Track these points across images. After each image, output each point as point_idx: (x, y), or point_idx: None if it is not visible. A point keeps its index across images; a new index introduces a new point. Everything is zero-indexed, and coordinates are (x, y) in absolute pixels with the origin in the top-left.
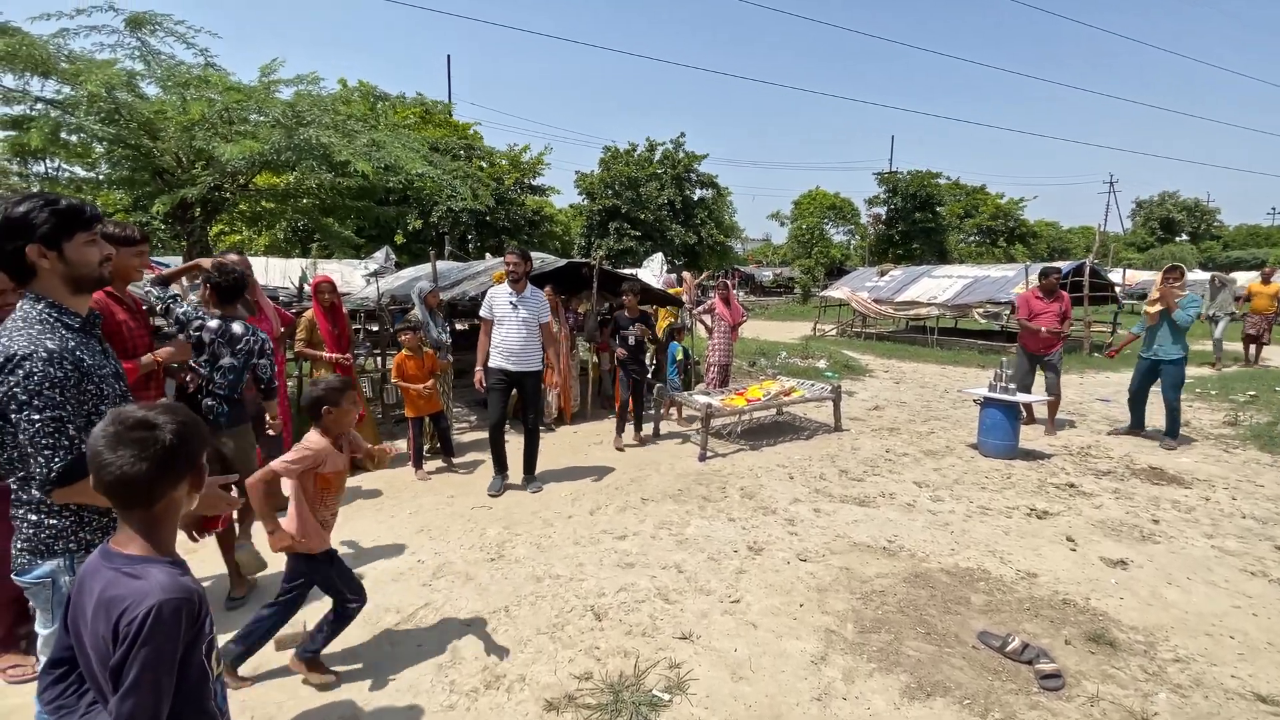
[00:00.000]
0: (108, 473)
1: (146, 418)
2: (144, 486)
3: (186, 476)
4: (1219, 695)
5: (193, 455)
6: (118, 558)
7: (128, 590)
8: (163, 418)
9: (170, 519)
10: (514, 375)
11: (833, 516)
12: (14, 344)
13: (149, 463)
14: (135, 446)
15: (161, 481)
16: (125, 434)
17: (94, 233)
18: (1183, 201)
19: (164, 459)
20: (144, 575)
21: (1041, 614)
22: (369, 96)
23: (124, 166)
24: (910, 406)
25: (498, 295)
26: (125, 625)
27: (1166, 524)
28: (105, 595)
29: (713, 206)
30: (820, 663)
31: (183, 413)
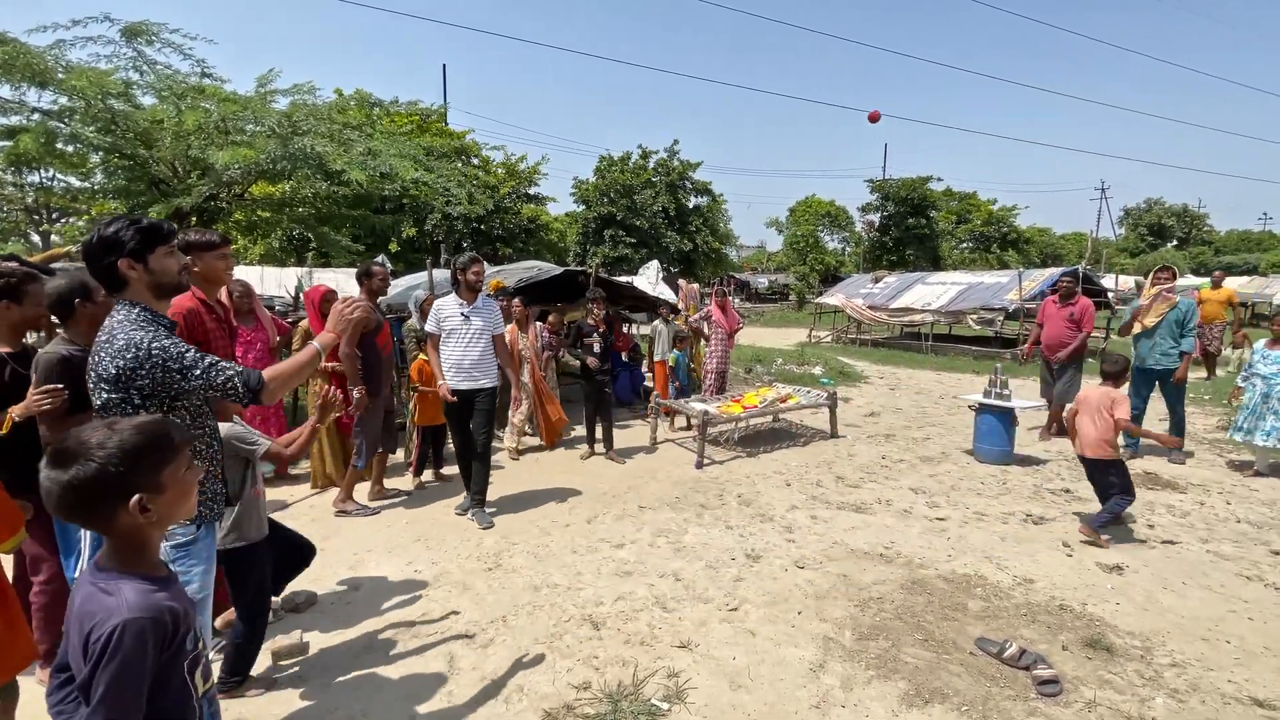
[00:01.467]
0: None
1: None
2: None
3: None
4: (1216, 700)
5: (117, 487)
6: (98, 572)
7: (98, 606)
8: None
9: (141, 534)
10: (463, 393)
11: (830, 523)
12: (133, 336)
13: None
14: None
15: (81, 517)
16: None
17: (172, 245)
18: (1171, 207)
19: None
20: (115, 592)
21: (1038, 620)
22: (365, 104)
23: (119, 176)
24: (906, 413)
25: (446, 307)
26: (93, 642)
27: (1162, 529)
28: (81, 609)
29: (708, 214)
30: (819, 670)
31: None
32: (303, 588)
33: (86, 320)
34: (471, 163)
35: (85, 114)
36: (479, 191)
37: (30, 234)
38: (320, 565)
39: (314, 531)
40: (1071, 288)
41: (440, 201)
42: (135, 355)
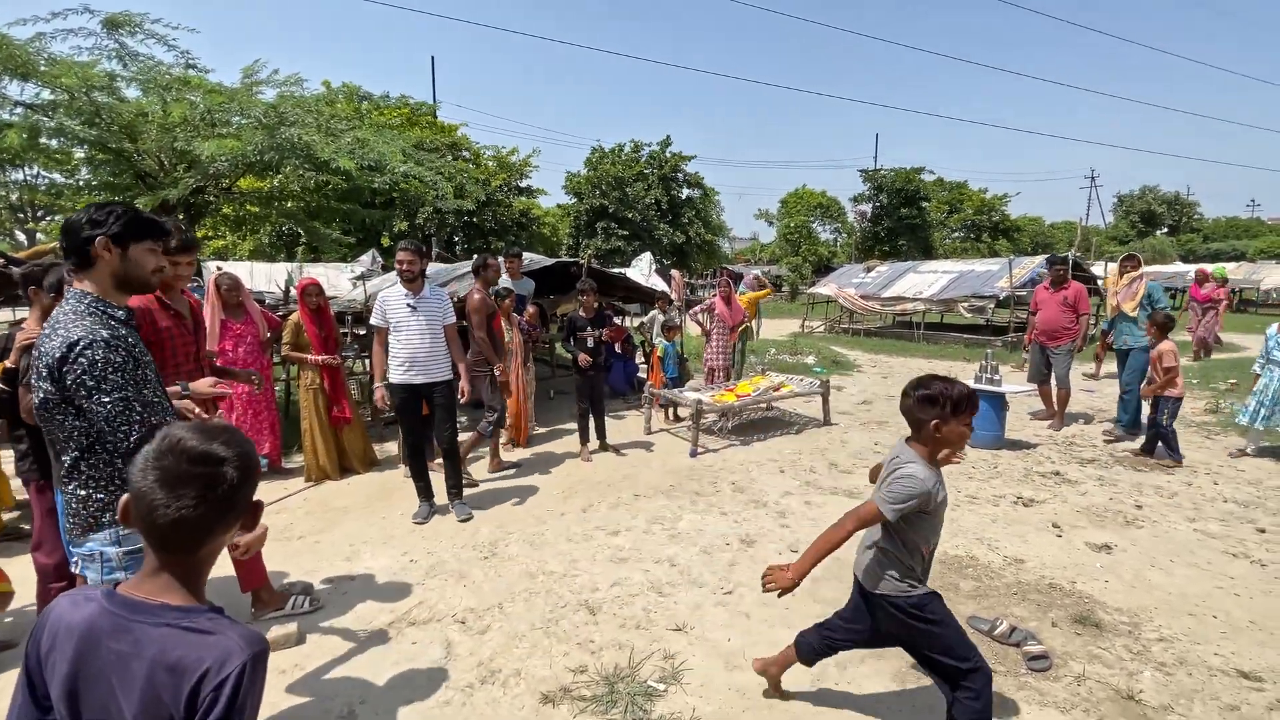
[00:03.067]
0: (162, 515)
1: (210, 451)
2: (203, 531)
3: (242, 519)
4: (1202, 673)
5: (252, 493)
6: (163, 610)
7: (202, 648)
8: (226, 449)
9: (209, 567)
10: (420, 388)
11: (823, 508)
12: (72, 333)
13: (210, 506)
14: (197, 486)
15: (220, 526)
16: (186, 470)
17: (159, 244)
18: (1163, 195)
19: (226, 501)
20: (216, 629)
21: (1029, 598)
22: (353, 97)
23: (104, 171)
24: (898, 400)
25: (391, 299)
26: (211, 691)
27: (1150, 509)
28: (168, 658)
29: (700, 206)
30: None
31: (240, 440)
32: (299, 578)
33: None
34: (462, 156)
35: (69, 107)
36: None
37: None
38: (316, 557)
39: (309, 525)
40: (1062, 273)
41: (430, 195)
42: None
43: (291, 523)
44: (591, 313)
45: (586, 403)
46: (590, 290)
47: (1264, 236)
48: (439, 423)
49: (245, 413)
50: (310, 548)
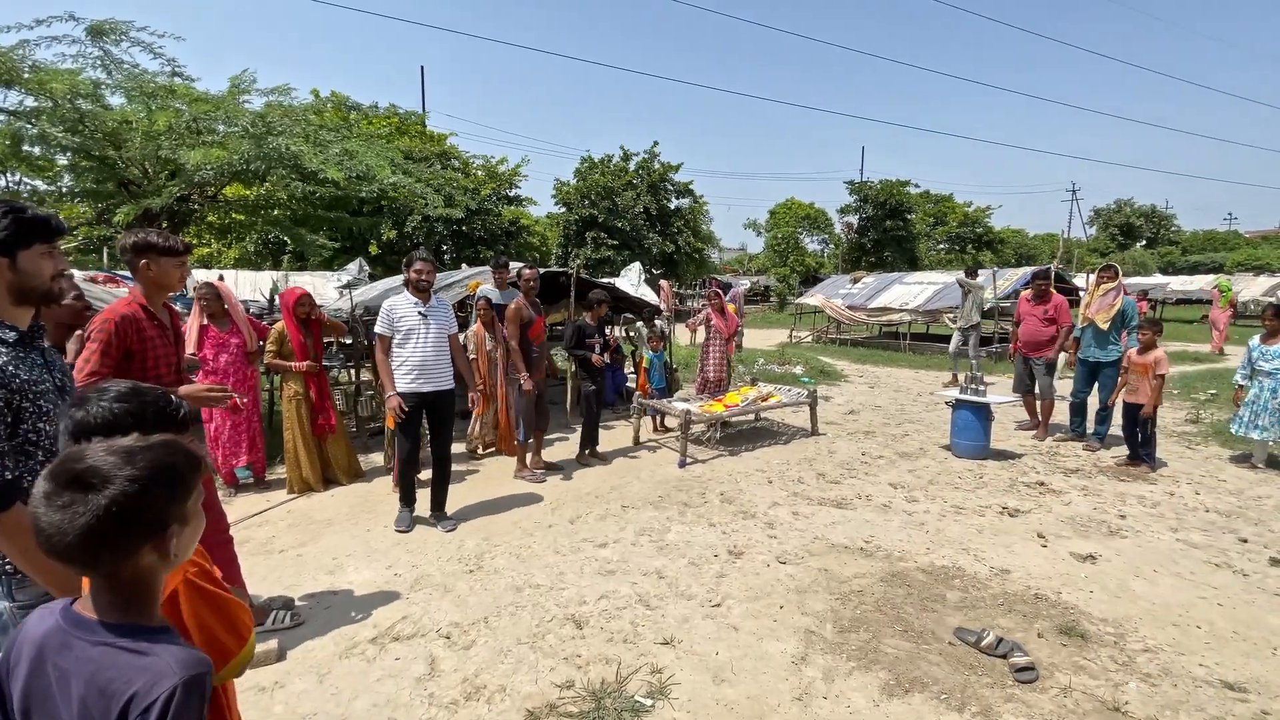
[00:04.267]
0: (43, 538)
1: (90, 468)
2: (105, 554)
3: (150, 541)
4: (1187, 683)
5: (154, 517)
6: (102, 630)
7: (133, 670)
8: (117, 469)
9: (153, 580)
10: (428, 396)
11: (811, 519)
12: None
13: (98, 528)
14: (63, 513)
15: (126, 546)
16: (55, 494)
17: (54, 246)
18: (1140, 208)
19: (117, 521)
20: (151, 650)
21: (1015, 609)
22: (342, 106)
23: (88, 178)
24: (885, 410)
25: (400, 307)
26: (138, 715)
27: (1133, 519)
28: (100, 679)
29: (689, 216)
30: (801, 663)
31: (150, 457)
32: (280, 593)
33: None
34: (452, 165)
35: (53, 114)
36: (458, 194)
37: None
38: (298, 571)
39: (292, 538)
40: (1045, 287)
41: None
42: None
43: (274, 535)
44: (598, 321)
45: (596, 409)
46: (603, 302)
47: (1241, 249)
48: (436, 432)
49: (224, 423)
50: (292, 561)
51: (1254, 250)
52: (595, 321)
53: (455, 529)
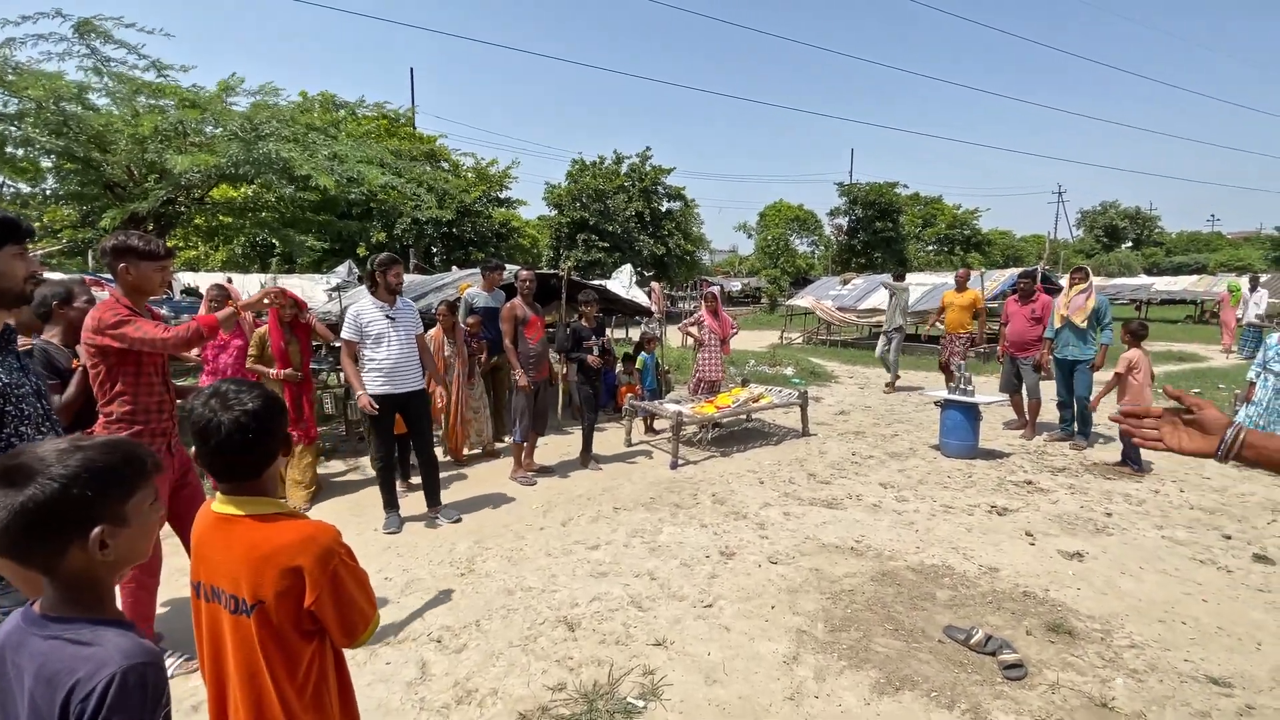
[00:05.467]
0: None
1: (20, 465)
2: (12, 551)
3: (73, 543)
4: (1173, 679)
5: (75, 516)
6: (52, 624)
7: (76, 660)
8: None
9: (92, 577)
10: (400, 398)
11: (802, 519)
12: None
13: (15, 516)
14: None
15: (30, 546)
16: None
17: (23, 247)
18: (1125, 210)
19: (15, 525)
20: (96, 640)
21: (1003, 607)
22: (330, 105)
23: (72, 181)
24: (875, 410)
25: (367, 310)
26: (79, 703)
27: (1119, 516)
28: (46, 670)
29: (680, 218)
30: (792, 662)
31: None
32: None
33: (64, 322)
34: (441, 167)
35: (36, 117)
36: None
37: None
38: None
39: None
40: (1030, 287)
41: (409, 206)
42: None
43: None
44: (593, 323)
45: (595, 414)
46: (593, 301)
47: (1223, 250)
48: (417, 434)
49: None
50: None
51: (1236, 251)
52: (590, 323)
53: (460, 519)
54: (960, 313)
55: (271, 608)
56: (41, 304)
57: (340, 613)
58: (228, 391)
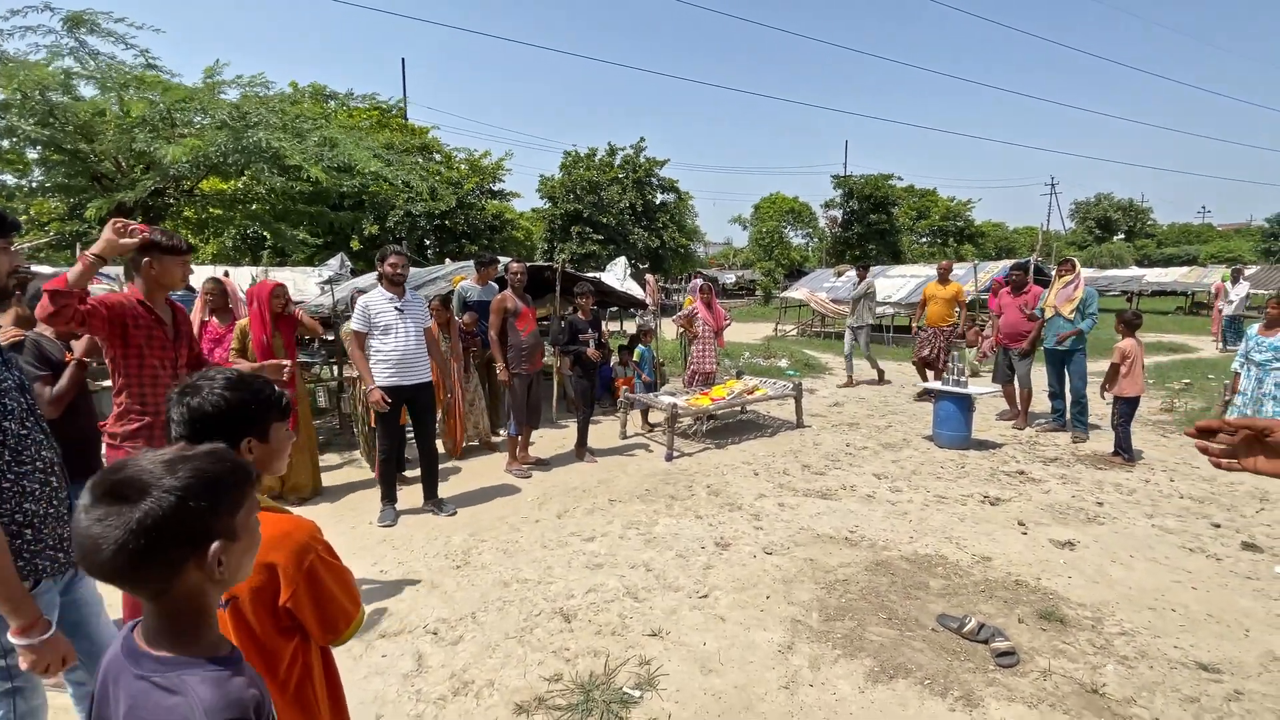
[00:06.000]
0: (80, 553)
1: (127, 479)
2: (122, 578)
3: (190, 561)
4: (1163, 665)
5: (194, 530)
6: (146, 660)
7: (159, 711)
8: (156, 479)
9: (203, 599)
10: (408, 390)
11: (796, 510)
12: None
13: (112, 551)
14: (100, 526)
15: (142, 574)
16: (92, 506)
17: (7, 241)
18: (1117, 201)
19: (135, 544)
20: (180, 689)
21: (996, 595)
22: (320, 96)
23: (59, 172)
24: (869, 402)
25: (376, 302)
26: None
27: (1110, 506)
28: (132, 716)
29: (674, 210)
30: (787, 652)
31: (195, 465)
32: None
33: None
34: (434, 159)
35: (22, 107)
36: (442, 187)
37: None
38: None
39: None
40: (1022, 279)
41: (402, 198)
42: None
43: None
44: (589, 315)
45: (590, 407)
46: (588, 294)
47: (1214, 241)
48: (420, 426)
49: None
50: None
51: (1226, 243)
52: (586, 316)
53: (455, 513)
54: (943, 306)
55: (245, 604)
56: (35, 296)
57: (318, 611)
58: (199, 379)
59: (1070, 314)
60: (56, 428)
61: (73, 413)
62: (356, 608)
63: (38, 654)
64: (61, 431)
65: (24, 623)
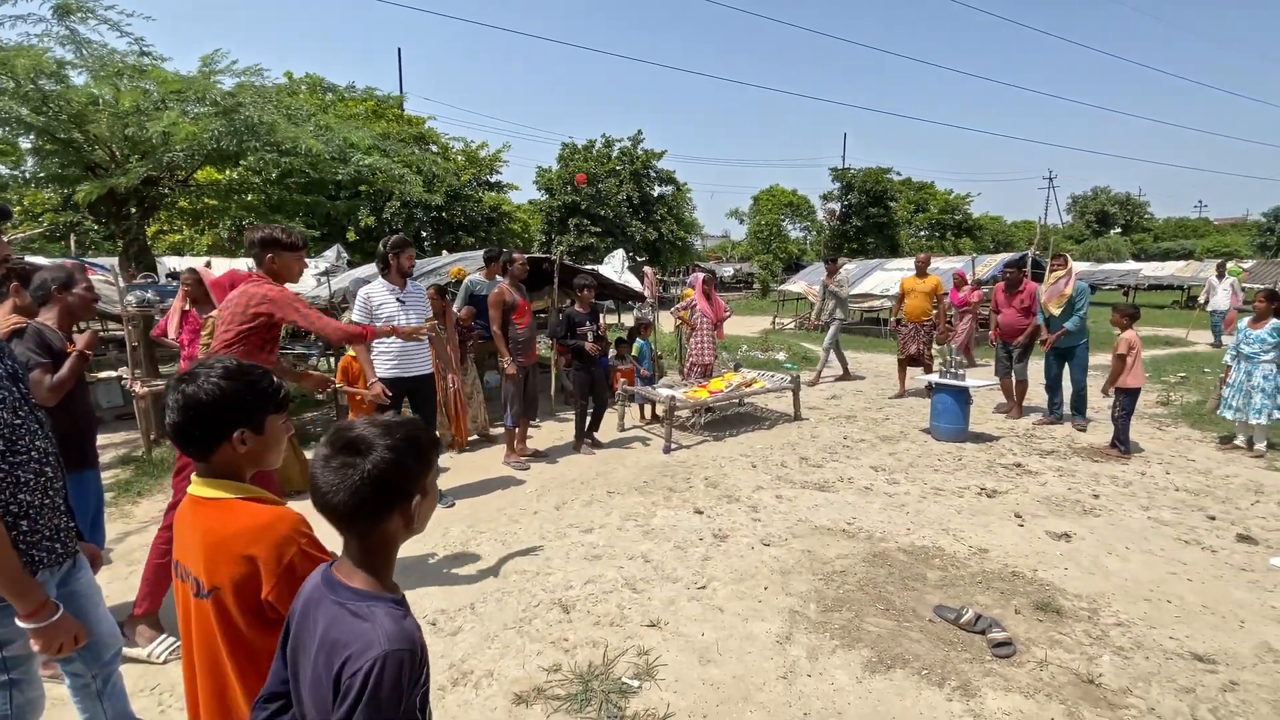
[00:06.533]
0: (318, 495)
1: (359, 436)
2: (362, 515)
3: (397, 508)
4: (1159, 656)
5: (405, 483)
6: (343, 590)
7: (352, 634)
8: (379, 439)
9: (389, 550)
10: (408, 382)
11: (794, 502)
12: None
13: (348, 493)
14: (337, 474)
15: (379, 512)
16: (332, 457)
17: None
18: (1114, 196)
19: (377, 486)
20: (370, 617)
21: (993, 586)
22: (317, 88)
23: (52, 162)
24: (866, 395)
25: (378, 293)
26: (349, 677)
27: (1106, 498)
28: (329, 635)
29: (672, 203)
30: (785, 642)
31: (405, 431)
32: None
33: (61, 305)
34: (430, 150)
35: (15, 94)
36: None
37: None
38: None
39: None
40: (1016, 277)
41: (398, 189)
42: None
43: None
44: (588, 307)
45: (587, 400)
46: (589, 286)
47: (1211, 236)
48: (426, 416)
49: None
50: None
51: (1223, 237)
52: (585, 308)
53: (453, 504)
54: (922, 299)
55: (228, 595)
56: (40, 287)
57: None
58: (197, 367)
59: (1057, 311)
60: (52, 418)
61: (69, 403)
62: None
63: (48, 636)
64: (58, 422)
65: (31, 607)
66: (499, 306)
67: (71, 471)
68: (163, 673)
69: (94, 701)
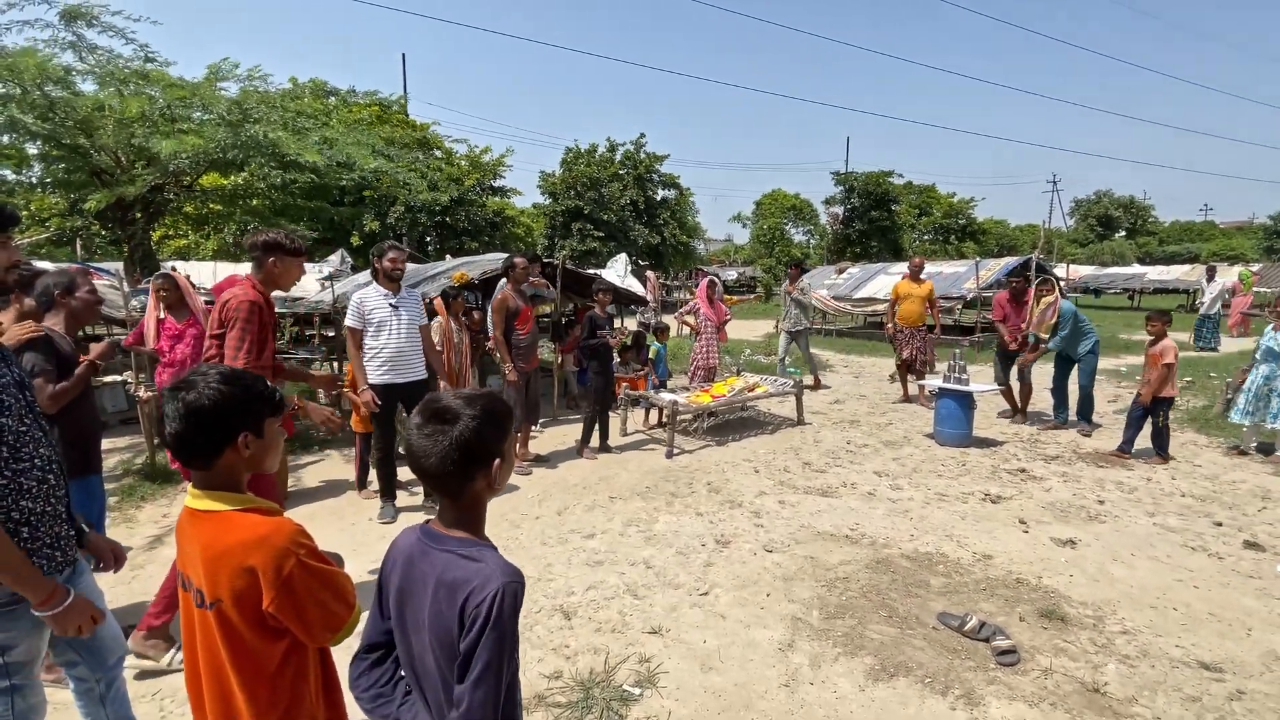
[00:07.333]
0: (413, 458)
1: (446, 406)
2: (453, 477)
3: (480, 470)
4: (1165, 664)
5: (487, 448)
6: (449, 540)
7: (471, 572)
8: (464, 407)
9: (479, 508)
10: (402, 388)
11: (797, 507)
12: None
13: (449, 454)
14: (430, 440)
15: (469, 471)
16: (424, 425)
17: (6, 235)
18: (1119, 199)
19: (464, 449)
20: (481, 558)
21: (997, 593)
22: (321, 93)
23: (59, 168)
24: (869, 399)
25: (370, 299)
26: (474, 608)
27: (1111, 504)
28: (447, 577)
29: (675, 207)
30: (787, 650)
31: (484, 403)
32: None
33: (65, 311)
34: (434, 154)
35: (22, 100)
36: (442, 182)
37: None
38: None
39: None
40: (1021, 288)
41: (402, 193)
42: None
43: None
44: (605, 312)
45: (599, 405)
46: (606, 290)
47: (1216, 239)
48: None
49: None
50: None
51: (1228, 240)
52: (603, 312)
53: None
54: (917, 304)
55: (229, 606)
56: (44, 293)
57: (302, 615)
58: (193, 374)
59: (1046, 335)
60: (58, 423)
61: (74, 410)
62: (349, 609)
63: (64, 621)
64: (63, 427)
65: (42, 595)
66: (502, 312)
67: (76, 477)
68: (165, 678)
69: (97, 706)
